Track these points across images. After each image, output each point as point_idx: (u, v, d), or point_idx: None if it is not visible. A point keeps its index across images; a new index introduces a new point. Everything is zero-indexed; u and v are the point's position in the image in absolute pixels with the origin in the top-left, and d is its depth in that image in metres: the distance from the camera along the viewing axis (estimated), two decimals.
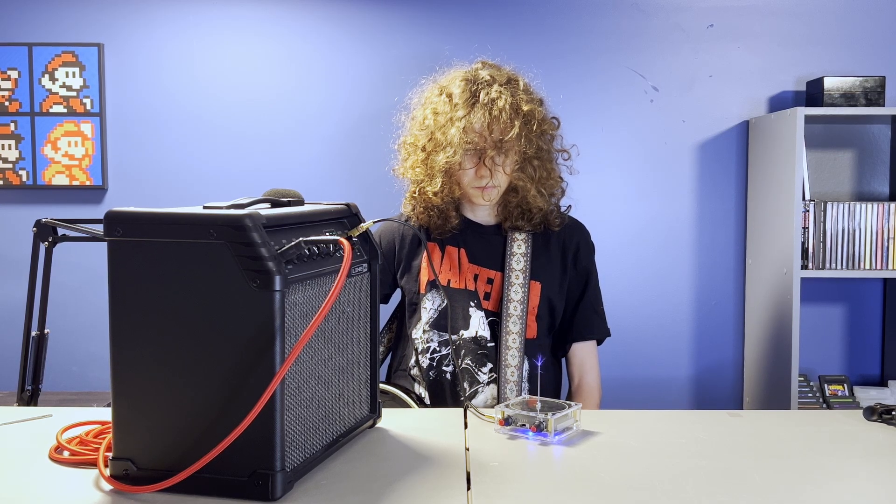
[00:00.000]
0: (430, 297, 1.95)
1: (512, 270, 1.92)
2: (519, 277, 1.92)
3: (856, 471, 1.26)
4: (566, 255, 1.99)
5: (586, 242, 2.04)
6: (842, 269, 2.83)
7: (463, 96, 1.89)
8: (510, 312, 1.90)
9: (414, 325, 1.97)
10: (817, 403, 2.98)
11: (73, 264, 3.03)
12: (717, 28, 3.14)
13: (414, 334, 1.97)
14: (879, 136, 3.13)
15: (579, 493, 1.15)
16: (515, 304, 1.90)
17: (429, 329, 1.93)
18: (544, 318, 1.96)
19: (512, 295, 1.91)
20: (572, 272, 1.99)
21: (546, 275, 1.96)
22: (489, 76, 1.92)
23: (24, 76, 3.12)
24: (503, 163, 1.89)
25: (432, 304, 1.94)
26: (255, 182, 3.12)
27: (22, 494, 1.14)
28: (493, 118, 1.84)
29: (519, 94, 1.90)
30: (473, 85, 1.91)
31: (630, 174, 3.18)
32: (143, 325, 1.12)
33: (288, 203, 1.31)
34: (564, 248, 1.99)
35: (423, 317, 1.94)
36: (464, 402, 1.60)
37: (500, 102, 1.85)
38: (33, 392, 1.69)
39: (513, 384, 1.87)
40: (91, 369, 3.17)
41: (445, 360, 1.92)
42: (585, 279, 2.01)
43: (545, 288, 1.95)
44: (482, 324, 1.92)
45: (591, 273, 2.03)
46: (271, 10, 3.15)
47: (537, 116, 1.89)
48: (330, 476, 1.20)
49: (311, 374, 1.20)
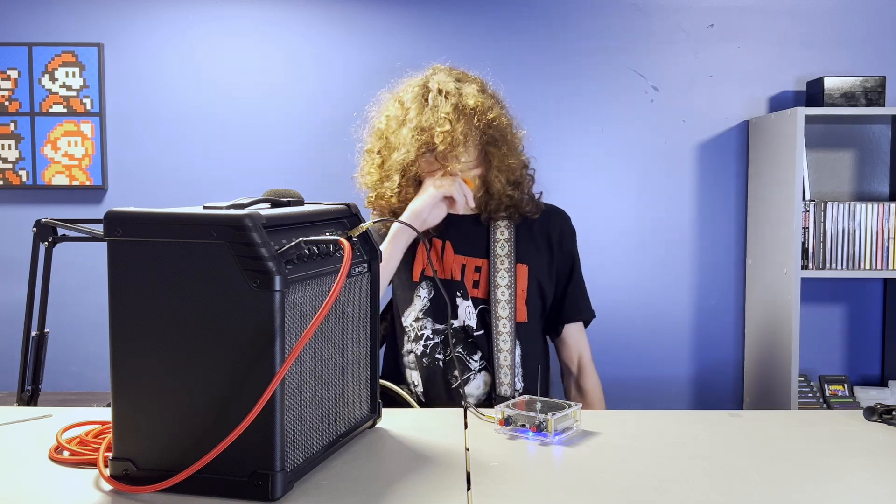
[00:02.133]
0: (424, 285, 1.98)
1: (497, 256, 1.97)
2: (504, 262, 1.96)
3: (856, 471, 1.26)
4: (551, 239, 2.04)
5: (569, 226, 2.10)
6: (842, 269, 2.83)
7: (414, 101, 1.96)
8: (498, 298, 1.94)
9: (406, 312, 2.00)
10: (817, 403, 2.98)
11: (73, 264, 3.03)
12: (717, 28, 3.14)
13: (405, 322, 2.00)
14: (879, 136, 3.13)
15: (579, 493, 1.15)
16: (503, 290, 1.95)
17: (422, 317, 1.97)
18: (535, 302, 2.00)
19: (499, 280, 1.95)
20: (559, 255, 2.05)
21: (532, 258, 2.00)
22: (438, 82, 1.98)
23: (24, 76, 3.12)
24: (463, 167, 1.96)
25: (426, 293, 1.97)
26: (255, 182, 3.12)
27: (22, 494, 1.14)
28: (438, 121, 1.91)
29: (465, 92, 1.95)
30: (423, 89, 1.98)
31: (630, 174, 3.18)
32: (143, 325, 1.12)
33: (288, 203, 1.31)
34: (548, 232, 2.05)
35: (417, 304, 1.98)
36: (456, 388, 1.62)
37: (446, 106, 1.92)
38: (33, 392, 1.69)
39: (506, 368, 1.92)
40: (91, 369, 3.17)
41: (438, 348, 1.95)
42: (571, 262, 2.07)
43: (533, 270, 1.99)
44: (468, 313, 1.96)
45: (575, 256, 2.09)
46: (271, 10, 3.15)
47: (484, 109, 1.94)
48: (330, 476, 1.20)
49: (311, 374, 1.20)
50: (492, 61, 3.15)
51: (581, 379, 2.09)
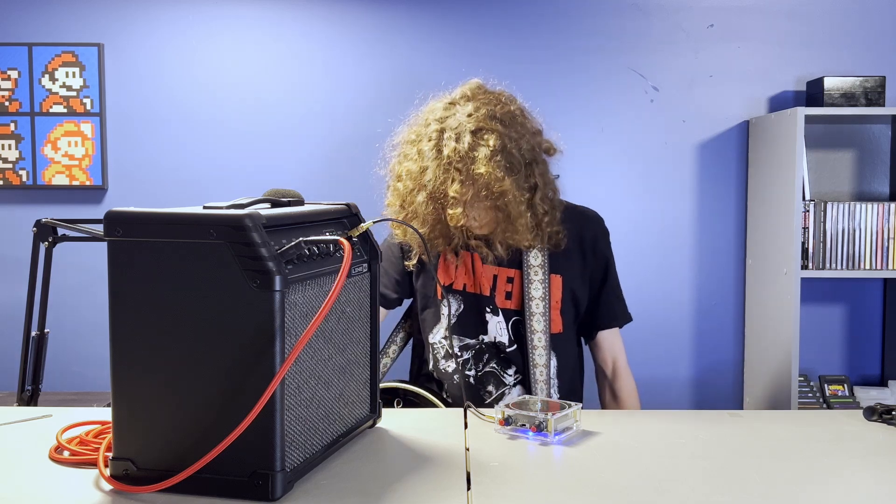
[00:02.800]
0: (448, 302, 1.93)
1: (530, 267, 1.91)
2: (538, 273, 1.90)
3: (856, 471, 1.26)
4: (584, 244, 1.97)
5: (601, 229, 2.02)
6: (842, 269, 2.83)
7: (431, 153, 1.81)
8: (532, 311, 1.89)
9: (432, 329, 1.96)
10: (817, 403, 2.98)
11: (73, 264, 3.03)
12: (717, 28, 3.14)
13: (432, 339, 1.96)
14: (879, 136, 3.13)
15: (579, 493, 1.15)
16: (537, 302, 1.89)
17: (450, 335, 1.92)
18: (569, 311, 1.95)
19: (532, 292, 1.90)
20: (592, 261, 1.97)
21: (566, 268, 1.94)
22: (455, 131, 1.81)
23: (24, 76, 3.12)
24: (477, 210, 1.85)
25: (449, 310, 1.93)
26: (255, 182, 3.12)
27: (22, 494, 1.14)
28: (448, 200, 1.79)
29: (478, 156, 1.78)
30: (439, 133, 1.82)
31: (630, 174, 3.18)
32: (143, 325, 1.12)
33: (288, 203, 1.31)
34: (581, 239, 1.97)
35: (444, 322, 1.93)
36: (490, 404, 1.59)
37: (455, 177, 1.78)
38: (33, 392, 1.69)
39: (542, 383, 1.88)
40: (91, 369, 3.17)
41: (468, 365, 1.91)
42: (605, 266, 2.00)
43: (567, 281, 1.93)
44: (500, 329, 1.91)
45: (610, 259, 2.02)
46: (271, 10, 3.15)
47: (491, 181, 1.77)
48: (330, 476, 1.20)
49: (311, 374, 1.20)
50: (492, 61, 3.15)
51: (616, 383, 2.03)
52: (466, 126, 1.79)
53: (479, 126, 1.79)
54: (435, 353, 1.95)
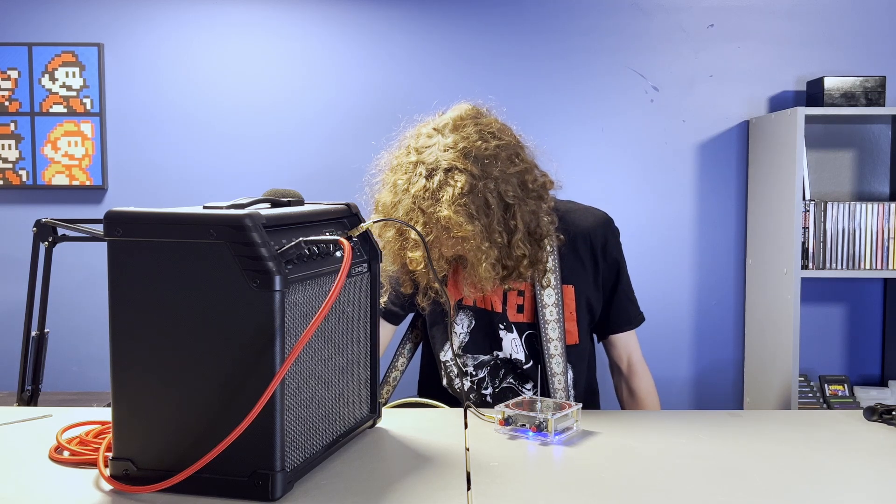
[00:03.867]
0: (458, 319, 1.89)
1: (542, 275, 1.86)
2: (550, 281, 1.85)
3: (856, 471, 1.26)
4: (594, 250, 1.91)
5: (611, 231, 1.96)
6: (842, 269, 2.83)
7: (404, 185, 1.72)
8: (547, 318, 1.84)
9: (443, 347, 1.93)
10: (817, 403, 2.98)
11: (73, 264, 3.03)
12: (717, 28, 3.14)
13: (443, 356, 1.92)
14: (879, 136, 3.13)
15: (579, 493, 1.15)
16: (551, 309, 1.85)
17: (462, 354, 1.89)
18: (584, 319, 1.91)
19: (546, 300, 1.85)
20: (603, 265, 1.92)
21: (578, 276, 1.89)
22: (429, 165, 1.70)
23: (24, 76, 3.12)
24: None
25: (461, 328, 1.90)
26: (255, 182, 3.12)
27: (22, 494, 1.14)
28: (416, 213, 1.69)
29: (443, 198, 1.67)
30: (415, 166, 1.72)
31: (630, 174, 3.18)
32: (143, 325, 1.12)
33: (288, 203, 1.31)
34: (592, 245, 1.91)
35: (455, 341, 1.89)
36: None
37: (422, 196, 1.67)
38: (33, 392, 1.69)
39: (561, 393, 1.85)
40: (91, 369, 3.17)
41: (483, 383, 1.89)
42: (617, 269, 1.95)
43: (579, 289, 1.89)
44: (514, 346, 1.88)
45: (621, 262, 1.97)
46: (271, 10, 3.15)
47: (453, 225, 1.66)
48: (330, 476, 1.20)
49: (311, 374, 1.20)
50: (492, 61, 3.16)
51: (632, 380, 2.00)
52: (440, 163, 1.68)
53: (452, 165, 1.67)
54: (448, 372, 1.91)
